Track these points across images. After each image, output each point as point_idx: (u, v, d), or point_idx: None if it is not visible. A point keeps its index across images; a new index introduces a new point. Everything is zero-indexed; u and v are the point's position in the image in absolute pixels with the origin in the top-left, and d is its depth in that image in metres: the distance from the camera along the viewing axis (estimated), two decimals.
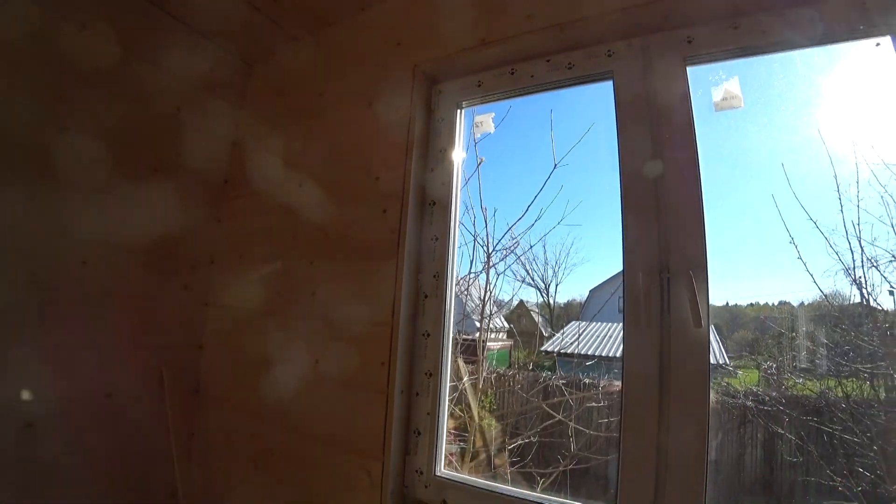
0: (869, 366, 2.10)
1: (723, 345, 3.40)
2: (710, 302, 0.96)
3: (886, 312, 1.96)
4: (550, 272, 3.69)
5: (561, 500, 1.05)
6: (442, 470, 1.19)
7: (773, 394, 2.68)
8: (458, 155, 1.37)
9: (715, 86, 1.12)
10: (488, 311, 2.81)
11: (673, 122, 1.07)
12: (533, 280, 3.61)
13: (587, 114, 1.16)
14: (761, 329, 3.21)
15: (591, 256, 3.71)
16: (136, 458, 1.41)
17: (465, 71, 1.36)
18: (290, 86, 1.68)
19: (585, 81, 1.24)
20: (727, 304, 3.75)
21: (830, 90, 1.40)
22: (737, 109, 1.10)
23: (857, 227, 1.86)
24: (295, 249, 1.43)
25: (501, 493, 1.10)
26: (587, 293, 3.88)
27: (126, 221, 1.42)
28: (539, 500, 1.06)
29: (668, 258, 1.00)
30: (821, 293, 2.11)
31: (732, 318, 3.55)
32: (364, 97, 1.44)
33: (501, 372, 3.22)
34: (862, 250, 1.90)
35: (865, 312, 2.01)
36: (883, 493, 1.81)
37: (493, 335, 3.23)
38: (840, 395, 2.23)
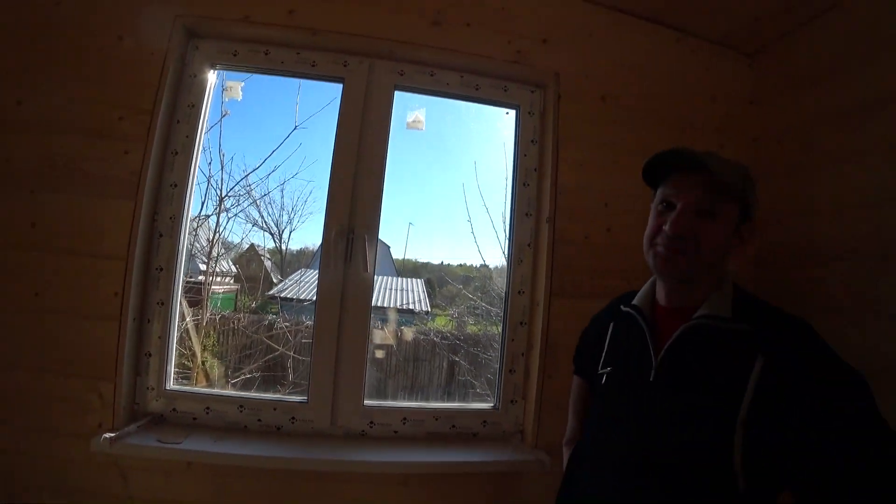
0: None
1: (431, 297, 4.61)
2: (427, 260, 1.67)
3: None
4: (286, 218, 3.92)
5: (261, 394, 1.63)
6: (171, 385, 1.59)
7: (455, 332, 3.92)
8: (206, 111, 1.68)
9: (410, 110, 1.81)
10: (215, 254, 3.10)
11: (376, 127, 1.71)
12: (266, 224, 3.83)
13: (330, 92, 1.66)
14: (465, 284, 4.54)
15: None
16: None
17: (225, 37, 1.67)
18: None
19: (324, 79, 1.77)
20: (442, 262, 5.03)
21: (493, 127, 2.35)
22: (420, 131, 1.83)
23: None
24: (9, 177, 1.49)
25: (219, 395, 1.61)
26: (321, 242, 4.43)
27: None
28: (249, 396, 1.62)
29: (354, 223, 1.66)
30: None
31: (444, 273, 4.82)
32: (114, 28, 1.56)
33: (227, 315, 3.53)
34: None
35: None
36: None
37: (218, 278, 3.48)
38: (493, 332, 3.55)
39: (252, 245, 4.06)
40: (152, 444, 1.40)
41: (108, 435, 1.38)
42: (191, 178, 1.64)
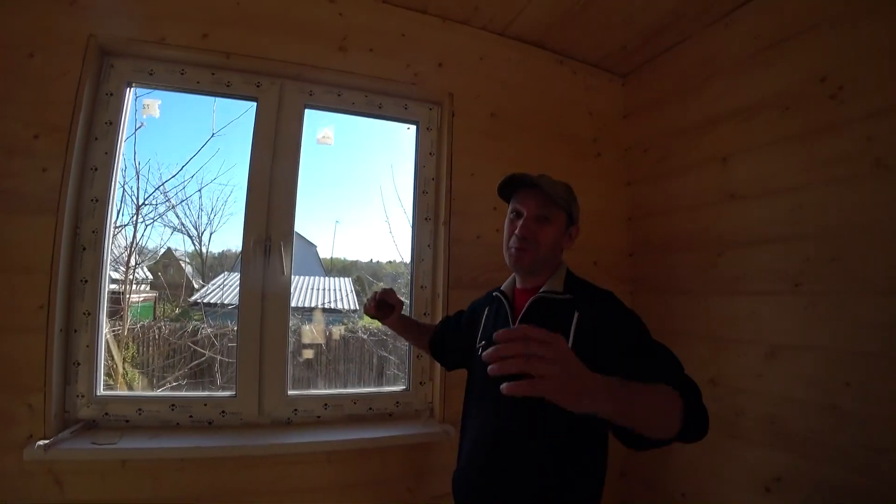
0: None
1: (361, 295, 4.79)
2: (357, 258, 1.87)
3: None
4: (205, 220, 3.83)
5: (192, 392, 1.79)
6: (101, 391, 1.70)
7: (382, 328, 4.13)
8: (123, 127, 1.79)
9: (320, 127, 2.02)
10: (133, 263, 3.11)
11: (288, 143, 1.90)
12: (185, 227, 3.74)
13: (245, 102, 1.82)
14: (393, 281, 4.72)
15: None
16: None
17: (141, 56, 1.77)
18: None
19: (238, 98, 1.92)
20: (371, 260, 5.20)
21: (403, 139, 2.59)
22: (329, 146, 2.05)
23: None
24: None
25: (150, 396, 1.76)
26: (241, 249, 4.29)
27: None
28: (179, 395, 1.78)
29: (270, 231, 1.86)
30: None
31: (374, 271, 5.00)
32: (23, 46, 1.60)
33: (146, 324, 3.49)
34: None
35: None
36: None
37: (135, 286, 3.43)
38: None
39: (169, 250, 3.94)
40: (87, 447, 1.51)
41: (41, 442, 1.46)
42: (111, 192, 1.74)
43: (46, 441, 1.48)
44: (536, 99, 2.23)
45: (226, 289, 3.74)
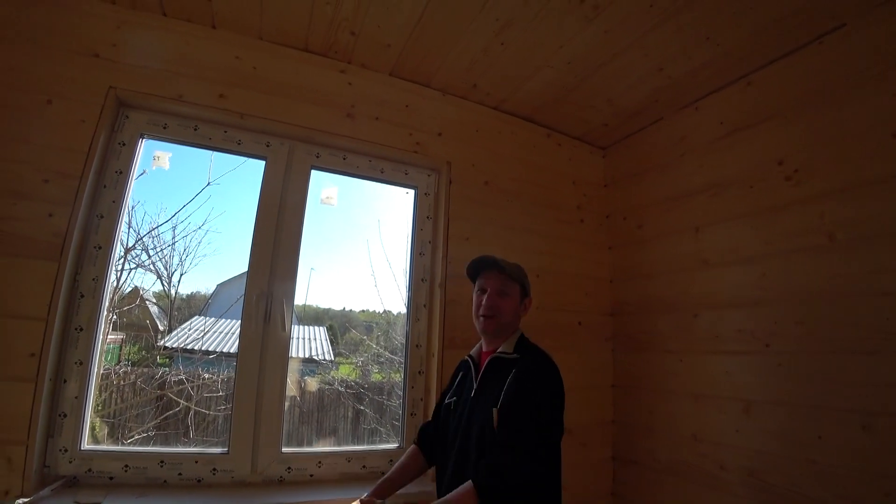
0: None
1: (334, 344, 4.72)
2: (329, 306, 1.89)
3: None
4: (177, 260, 3.64)
5: (183, 448, 1.73)
6: (85, 445, 1.62)
7: (359, 381, 4.07)
8: (132, 177, 1.82)
9: (324, 188, 2.10)
10: (112, 307, 3.00)
11: (294, 201, 1.97)
12: (154, 266, 3.54)
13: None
14: (367, 331, 4.68)
15: (224, 248, 3.66)
16: None
17: (157, 110, 1.83)
18: None
19: (247, 156, 1.99)
20: (344, 308, 5.15)
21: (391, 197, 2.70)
22: (332, 206, 2.13)
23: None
24: None
25: (138, 451, 1.69)
26: (215, 287, 4.13)
27: None
28: (169, 451, 1.71)
29: (273, 287, 1.88)
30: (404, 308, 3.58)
31: (347, 320, 4.92)
32: (42, 92, 1.63)
33: (112, 370, 3.29)
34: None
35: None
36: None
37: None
38: (396, 379, 3.77)
39: (136, 288, 3.65)
40: None
41: (21, 501, 1.38)
42: (115, 240, 1.75)
43: (26, 500, 1.40)
44: (525, 168, 2.40)
45: (206, 335, 3.60)
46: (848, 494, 1.49)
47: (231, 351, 3.36)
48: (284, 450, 1.81)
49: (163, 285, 3.72)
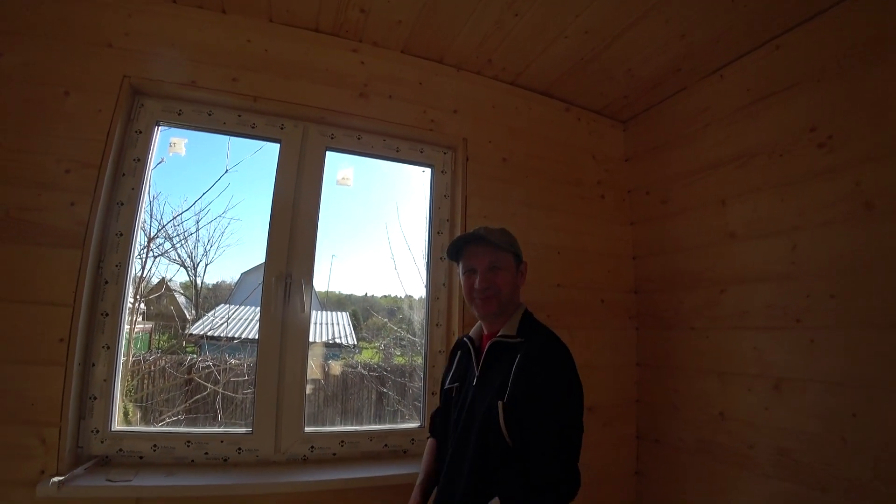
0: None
1: (357, 329, 4.76)
2: (351, 292, 1.90)
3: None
4: (202, 251, 3.75)
5: (208, 429, 1.77)
6: (116, 426, 1.68)
7: (382, 364, 4.11)
8: (150, 164, 1.84)
9: (340, 168, 2.09)
10: (139, 296, 3.08)
11: (310, 183, 1.96)
12: (180, 257, 3.66)
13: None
14: (389, 315, 4.72)
15: (247, 239, 3.68)
16: None
17: (171, 97, 1.84)
18: None
19: (261, 139, 1.99)
20: (366, 294, 5.19)
21: (409, 179, 2.67)
22: (348, 187, 2.11)
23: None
24: None
25: (166, 432, 1.73)
26: (239, 276, 4.18)
27: None
28: (196, 431, 1.75)
29: (291, 269, 1.89)
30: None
31: (370, 305, 4.97)
32: (59, 84, 1.66)
33: (141, 357, 3.42)
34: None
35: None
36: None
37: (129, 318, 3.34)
38: (417, 361, 3.80)
39: (162, 279, 3.81)
40: (102, 484, 1.49)
41: (56, 479, 1.43)
42: (136, 226, 1.78)
43: (61, 478, 1.45)
44: (544, 144, 2.34)
45: (225, 321, 3.69)
46: (883, 474, 1.43)
47: (255, 336, 3.42)
48: (307, 429, 1.84)
49: (188, 275, 3.87)
